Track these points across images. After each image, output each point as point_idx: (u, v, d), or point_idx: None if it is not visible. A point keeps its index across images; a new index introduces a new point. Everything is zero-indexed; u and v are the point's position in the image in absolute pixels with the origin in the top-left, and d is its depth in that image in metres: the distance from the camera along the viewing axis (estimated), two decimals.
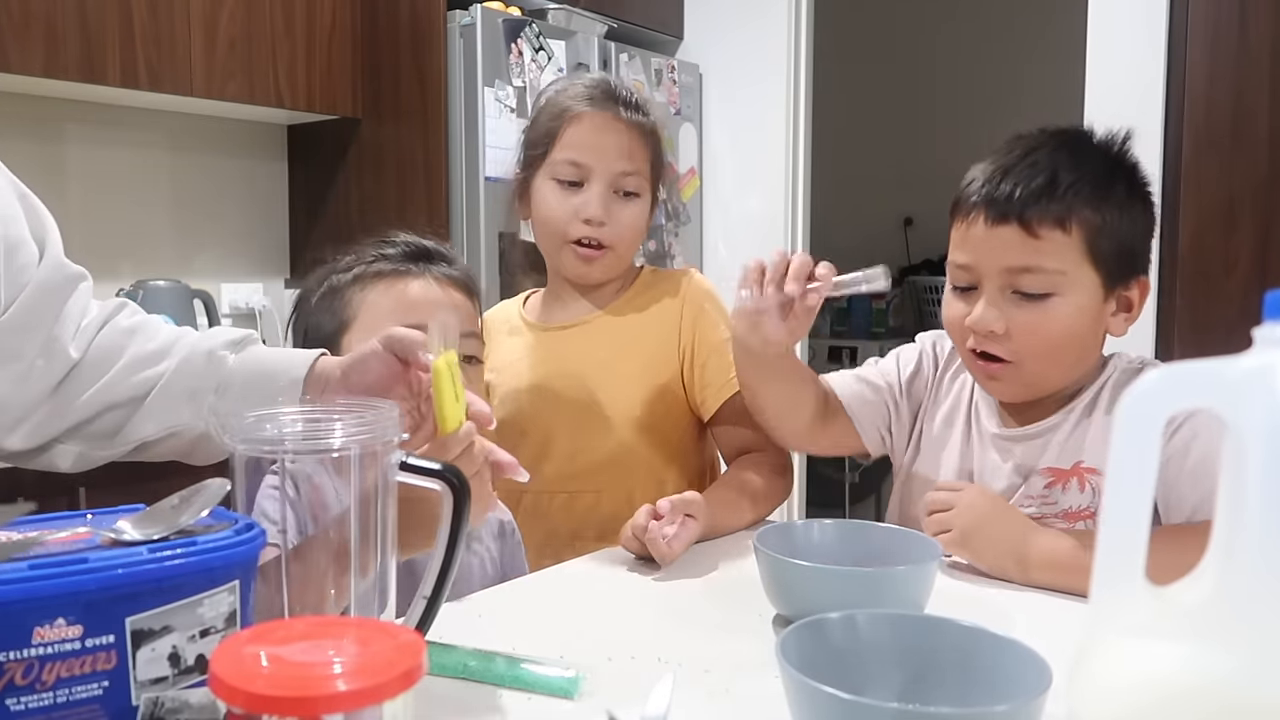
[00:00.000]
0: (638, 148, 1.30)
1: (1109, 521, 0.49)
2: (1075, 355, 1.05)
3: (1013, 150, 1.05)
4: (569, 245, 1.28)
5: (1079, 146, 1.04)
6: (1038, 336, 1.01)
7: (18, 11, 2.01)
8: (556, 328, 1.33)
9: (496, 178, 2.48)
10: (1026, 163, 1.02)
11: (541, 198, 1.31)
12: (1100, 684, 0.49)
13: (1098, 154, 1.04)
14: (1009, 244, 1.00)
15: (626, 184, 1.29)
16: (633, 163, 1.29)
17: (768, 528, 0.91)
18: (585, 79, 1.35)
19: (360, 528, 0.62)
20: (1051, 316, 1.01)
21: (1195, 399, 0.49)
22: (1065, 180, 0.99)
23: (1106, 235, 1.00)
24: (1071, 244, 0.99)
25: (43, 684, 0.47)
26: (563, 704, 0.71)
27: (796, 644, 0.62)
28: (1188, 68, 2.23)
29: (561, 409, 1.28)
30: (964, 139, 4.08)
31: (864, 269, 1.03)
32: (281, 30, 2.48)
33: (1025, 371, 1.04)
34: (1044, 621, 0.88)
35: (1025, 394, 1.07)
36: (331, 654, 0.43)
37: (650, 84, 2.95)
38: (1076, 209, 0.99)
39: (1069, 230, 0.99)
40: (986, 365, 1.05)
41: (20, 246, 0.84)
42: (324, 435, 0.61)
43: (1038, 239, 0.99)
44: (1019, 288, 1.01)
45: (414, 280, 1.06)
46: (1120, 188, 1.02)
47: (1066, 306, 1.01)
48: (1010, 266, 1.01)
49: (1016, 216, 0.99)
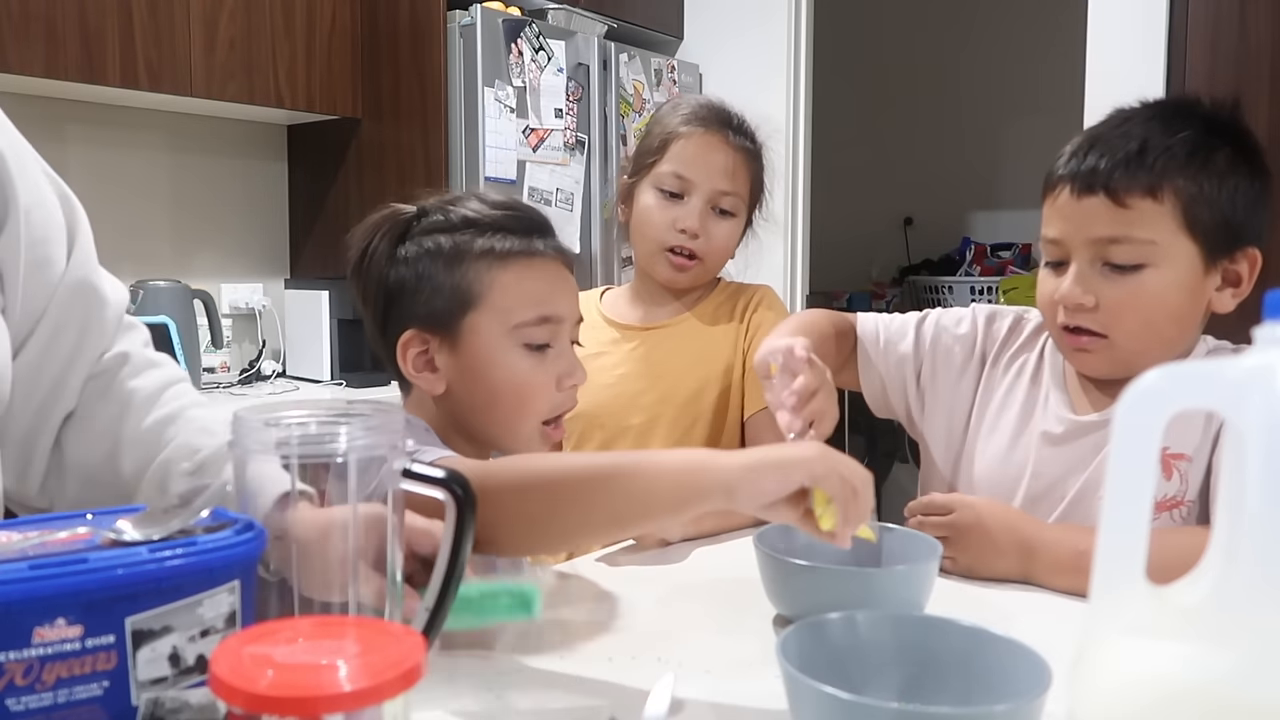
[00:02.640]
0: (740, 170, 1.38)
1: (1109, 521, 0.49)
2: (1174, 331, 1.00)
3: (1108, 122, 1.02)
4: (664, 252, 1.37)
5: (1177, 114, 1.00)
6: (1130, 310, 0.97)
7: (18, 11, 2.01)
8: (641, 327, 1.42)
9: (496, 178, 2.48)
10: (1118, 133, 0.99)
11: (644, 204, 1.39)
12: (1100, 684, 0.49)
13: (1198, 121, 0.99)
14: (1096, 214, 0.97)
15: (724, 202, 1.38)
16: (733, 183, 1.37)
17: (768, 527, 0.91)
18: (701, 99, 1.44)
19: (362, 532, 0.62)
20: (1145, 289, 0.96)
21: (1195, 399, 0.49)
22: (1156, 147, 0.96)
23: (1205, 204, 0.95)
24: (1164, 213, 0.95)
25: (43, 684, 0.47)
26: (562, 703, 0.71)
27: (796, 644, 0.62)
28: (1188, 68, 2.23)
29: (640, 405, 1.36)
30: (964, 139, 4.11)
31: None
32: (281, 30, 2.48)
33: (1118, 347, 1.00)
34: (1044, 621, 0.88)
35: (1119, 371, 1.02)
36: (331, 654, 0.43)
37: (650, 84, 2.95)
38: (1169, 177, 0.95)
39: (1161, 199, 0.95)
40: (1075, 338, 1.01)
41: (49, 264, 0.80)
42: (328, 440, 0.61)
43: (1126, 208, 0.95)
44: (1109, 259, 0.97)
45: (542, 263, 0.99)
46: (1222, 155, 0.97)
47: (1161, 279, 0.96)
48: (1098, 237, 0.97)
49: (1103, 186, 0.96)
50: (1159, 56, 2.27)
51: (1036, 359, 1.14)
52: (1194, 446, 0.99)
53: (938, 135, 4.15)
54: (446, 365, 0.97)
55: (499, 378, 0.96)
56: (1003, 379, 1.15)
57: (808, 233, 3.11)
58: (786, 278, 3.05)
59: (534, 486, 0.76)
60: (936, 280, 3.88)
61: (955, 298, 3.80)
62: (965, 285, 3.77)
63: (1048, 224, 1.03)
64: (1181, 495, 0.99)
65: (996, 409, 1.14)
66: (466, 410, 0.99)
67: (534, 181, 2.59)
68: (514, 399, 0.96)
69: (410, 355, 0.97)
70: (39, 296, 0.79)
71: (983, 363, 1.17)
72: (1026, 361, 1.14)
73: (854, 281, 4.20)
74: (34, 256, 0.78)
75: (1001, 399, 1.14)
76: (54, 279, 0.80)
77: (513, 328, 0.96)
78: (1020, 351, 1.16)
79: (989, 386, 1.16)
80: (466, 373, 0.97)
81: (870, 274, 4.23)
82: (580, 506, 0.75)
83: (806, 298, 3.12)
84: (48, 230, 0.80)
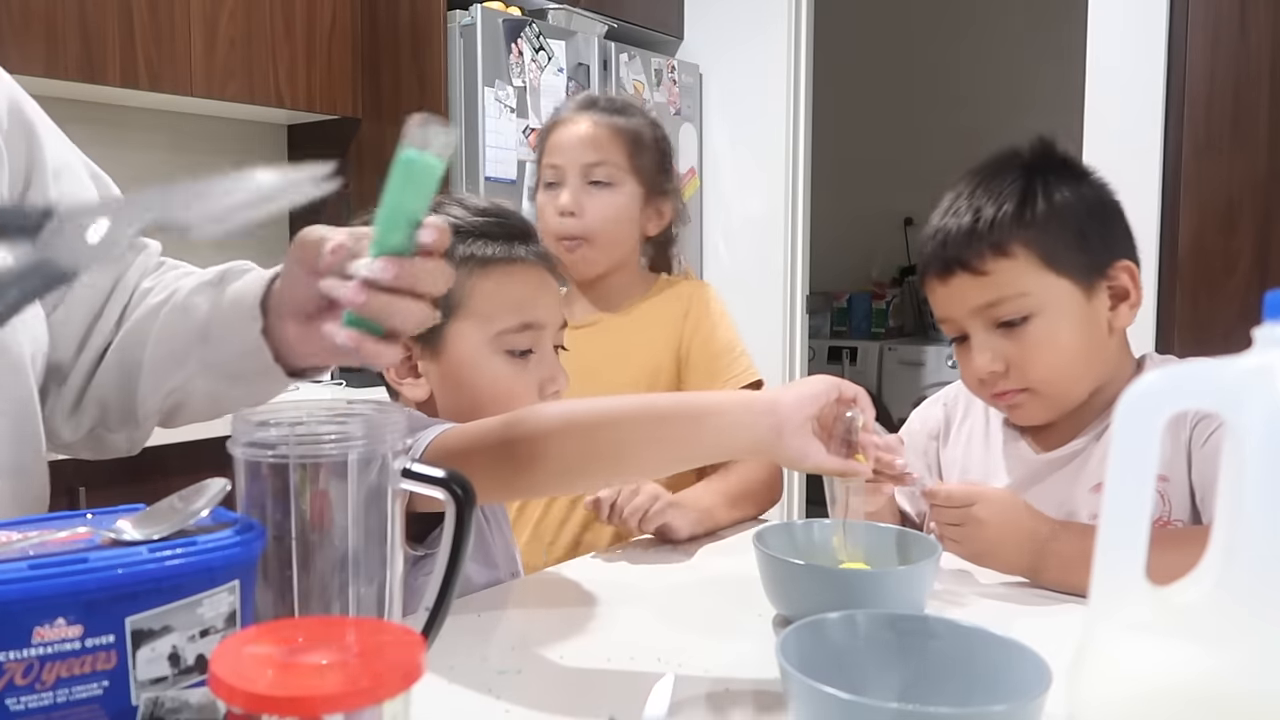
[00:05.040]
0: (609, 140, 1.36)
1: (1109, 521, 0.49)
2: (1084, 363, 1.03)
3: (940, 210, 1.07)
4: (558, 244, 1.33)
5: (996, 173, 1.06)
6: (1035, 361, 1.01)
7: (18, 11, 2.01)
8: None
9: (496, 178, 2.48)
10: (950, 212, 1.05)
11: (538, 206, 1.39)
12: (1100, 684, 0.49)
13: (1017, 171, 1.05)
14: (965, 288, 1.03)
15: (595, 174, 1.35)
16: (600, 153, 1.35)
17: (767, 527, 0.91)
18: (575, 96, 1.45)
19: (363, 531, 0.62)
20: (1039, 337, 1.01)
21: (1195, 399, 0.49)
22: (986, 215, 1.01)
23: (1054, 241, 1.00)
24: (1021, 265, 1.00)
25: (43, 684, 0.47)
26: (562, 703, 0.71)
27: (796, 644, 0.61)
28: (1188, 68, 2.23)
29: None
30: (964, 139, 4.09)
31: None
32: (281, 30, 2.48)
33: (1043, 395, 1.04)
34: (1044, 621, 0.88)
35: (1055, 414, 1.06)
36: (331, 654, 0.43)
37: (650, 84, 2.95)
38: (1010, 234, 1.00)
39: (1013, 255, 1.00)
40: (1003, 398, 1.06)
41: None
42: (328, 440, 0.61)
43: (987, 274, 1.01)
44: (998, 318, 1.02)
45: (524, 269, 0.99)
46: (1050, 191, 1.02)
47: (1049, 323, 1.01)
48: (977, 306, 1.02)
49: (958, 263, 1.02)
50: (1159, 56, 2.27)
51: (982, 422, 1.17)
52: (1168, 466, 1.00)
53: (938, 135, 4.15)
54: (429, 372, 0.98)
55: (481, 385, 0.96)
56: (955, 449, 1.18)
57: (808, 233, 3.11)
58: (786, 278, 3.05)
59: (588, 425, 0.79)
60: None
61: None
62: None
63: (934, 307, 1.09)
64: (1166, 515, 1.00)
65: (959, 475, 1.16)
66: (450, 417, 0.98)
67: (533, 181, 2.59)
68: (496, 406, 0.93)
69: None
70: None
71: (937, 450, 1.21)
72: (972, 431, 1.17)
73: (854, 281, 4.20)
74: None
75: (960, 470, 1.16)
76: None
77: (494, 335, 0.96)
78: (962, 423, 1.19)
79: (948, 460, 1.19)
80: (449, 380, 0.97)
81: (870, 274, 4.23)
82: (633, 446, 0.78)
83: (806, 298, 3.12)
84: (82, 192, 0.84)
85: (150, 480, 1.81)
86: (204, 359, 0.79)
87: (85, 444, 0.88)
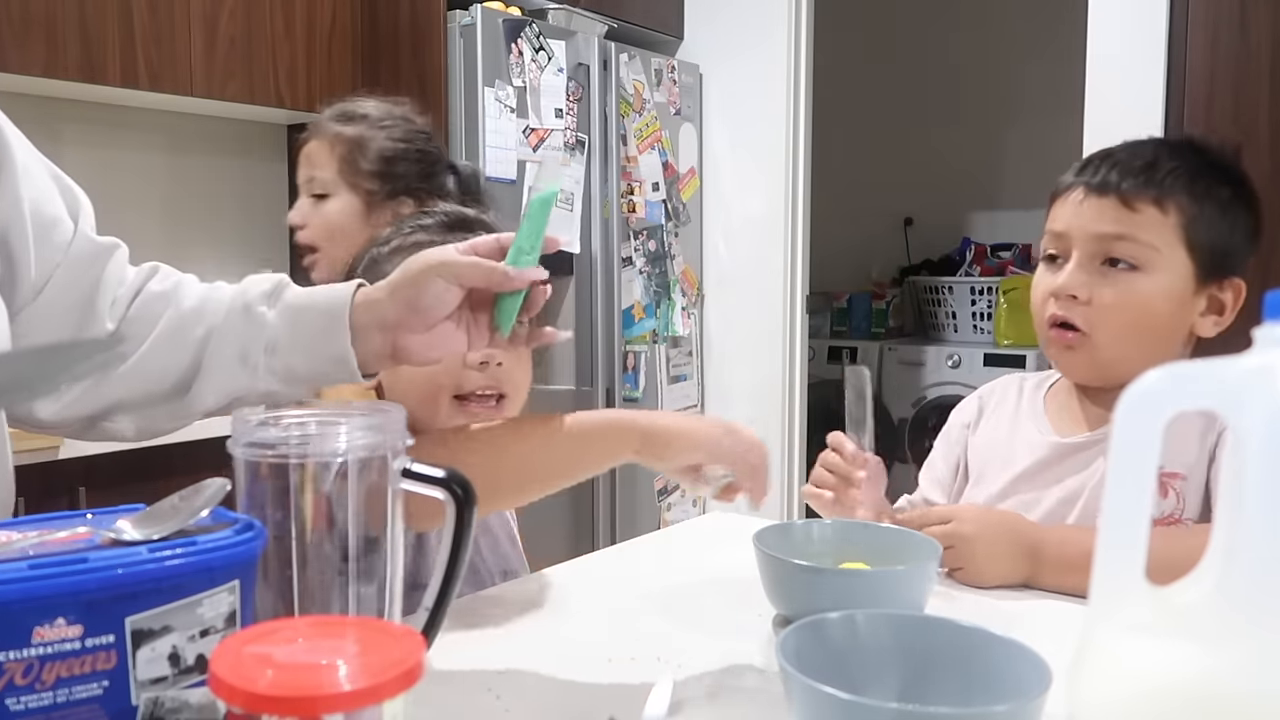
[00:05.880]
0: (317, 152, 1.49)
1: (1109, 521, 0.49)
2: (1154, 341, 1.03)
3: (1120, 146, 1.08)
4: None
5: (1186, 145, 1.07)
6: (1119, 310, 1.01)
7: (18, 11, 2.01)
8: None
9: (497, 178, 2.48)
10: (1130, 150, 1.05)
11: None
12: (1100, 684, 0.49)
13: (1204, 155, 1.06)
14: (1105, 213, 1.02)
15: (312, 188, 1.49)
16: (312, 168, 1.48)
17: (768, 527, 0.91)
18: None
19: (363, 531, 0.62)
20: (1137, 291, 1.01)
21: (1195, 399, 0.49)
22: (1166, 166, 1.02)
23: (1204, 225, 1.01)
24: (1167, 223, 1.00)
25: (42, 684, 0.47)
26: (562, 703, 0.71)
27: (796, 644, 0.61)
28: (1188, 68, 2.23)
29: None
30: (964, 139, 4.11)
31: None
32: (281, 30, 2.48)
33: (1100, 347, 1.03)
34: (1044, 621, 0.88)
35: (1097, 374, 1.06)
36: (331, 654, 0.43)
37: (650, 84, 2.95)
38: (1175, 193, 1.01)
39: (1166, 210, 1.01)
40: (1061, 333, 1.04)
41: (56, 224, 0.84)
42: (328, 440, 0.61)
43: (1135, 211, 1.01)
44: (1110, 254, 1.01)
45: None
46: (1224, 190, 1.03)
47: (1153, 284, 1.01)
48: (1104, 233, 1.02)
49: (1115, 191, 1.02)
50: (1159, 56, 2.27)
51: (1011, 409, 1.17)
52: (1189, 465, 1.00)
53: (938, 135, 4.15)
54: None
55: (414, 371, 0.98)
56: (981, 435, 1.19)
57: (808, 233, 3.11)
58: (786, 278, 3.05)
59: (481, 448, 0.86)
60: (936, 280, 3.88)
61: (955, 298, 3.80)
62: (965, 285, 3.77)
63: (1055, 219, 1.07)
64: (1178, 513, 1.00)
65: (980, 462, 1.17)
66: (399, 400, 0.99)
67: (534, 181, 2.59)
68: (421, 378, 0.96)
69: None
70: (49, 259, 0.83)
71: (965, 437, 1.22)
72: (999, 418, 1.18)
73: (854, 282, 4.20)
74: (38, 213, 0.82)
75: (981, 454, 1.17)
76: (64, 239, 0.84)
77: None
78: (994, 413, 1.19)
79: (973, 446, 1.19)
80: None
81: (870, 274, 4.23)
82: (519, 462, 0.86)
83: (806, 298, 3.12)
84: (48, 193, 0.84)
85: (150, 480, 1.81)
86: (271, 366, 0.81)
87: (73, 428, 0.87)
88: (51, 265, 0.83)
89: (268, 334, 0.82)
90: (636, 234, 2.90)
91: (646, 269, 2.95)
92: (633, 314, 2.89)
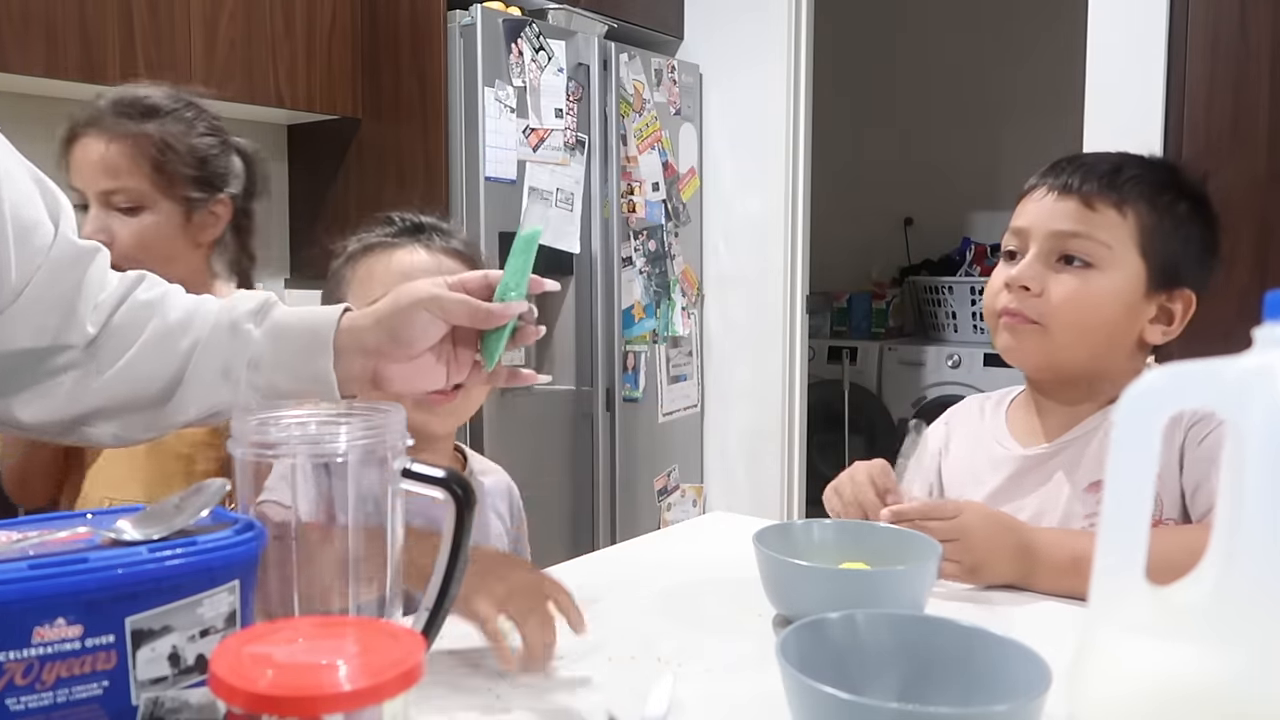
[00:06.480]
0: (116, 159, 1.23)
1: (1109, 521, 0.49)
2: (1102, 339, 1.06)
3: (1089, 153, 1.11)
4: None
5: (1155, 161, 1.10)
6: (1071, 304, 1.04)
7: (18, 11, 2.01)
8: None
9: (496, 178, 2.48)
10: (1098, 156, 1.09)
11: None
12: (1100, 684, 0.49)
13: (1169, 172, 1.09)
14: (1065, 212, 1.05)
15: (117, 200, 1.24)
16: (112, 178, 1.23)
17: (768, 527, 0.91)
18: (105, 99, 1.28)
19: (363, 531, 0.62)
20: (1089, 288, 1.03)
21: (1195, 399, 0.49)
22: (1130, 173, 1.05)
23: (1160, 235, 1.04)
24: (1125, 226, 1.04)
25: (43, 684, 0.47)
26: (562, 703, 0.71)
27: (796, 644, 0.62)
28: (1188, 68, 2.23)
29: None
30: (964, 139, 4.11)
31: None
32: (281, 30, 2.48)
33: (1050, 338, 1.05)
34: (1044, 621, 0.88)
35: (1044, 364, 1.09)
36: (331, 654, 0.43)
37: (650, 84, 2.95)
38: (1135, 200, 1.04)
39: (1125, 214, 1.04)
40: (1011, 318, 1.07)
41: (36, 228, 0.83)
42: (328, 440, 0.61)
43: (1094, 211, 1.04)
44: (1066, 250, 1.05)
45: (398, 253, 1.06)
46: (1183, 206, 1.06)
47: (1105, 283, 1.03)
48: (1062, 230, 1.05)
49: (1077, 191, 1.05)
50: (1159, 56, 2.27)
51: (974, 427, 1.19)
52: (1161, 467, 0.99)
53: (938, 135, 4.15)
54: None
55: None
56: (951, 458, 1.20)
57: (808, 233, 3.11)
58: (786, 278, 3.05)
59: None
60: (936, 280, 3.87)
61: (955, 298, 3.80)
62: (965, 285, 3.77)
63: (1017, 216, 1.12)
64: (1157, 515, 1.01)
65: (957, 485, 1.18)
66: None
67: (534, 181, 2.59)
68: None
69: None
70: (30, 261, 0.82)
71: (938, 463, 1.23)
72: (964, 438, 1.19)
73: (854, 282, 4.20)
74: (18, 215, 0.81)
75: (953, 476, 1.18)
76: (45, 242, 0.83)
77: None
78: (959, 435, 1.20)
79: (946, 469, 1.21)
80: None
81: (870, 274, 4.23)
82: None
83: (806, 298, 3.12)
84: (29, 196, 0.83)
85: None
86: (253, 382, 0.81)
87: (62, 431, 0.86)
88: (32, 268, 0.82)
89: (252, 350, 0.82)
90: (636, 234, 2.90)
91: (646, 269, 2.94)
92: (633, 314, 2.89)
